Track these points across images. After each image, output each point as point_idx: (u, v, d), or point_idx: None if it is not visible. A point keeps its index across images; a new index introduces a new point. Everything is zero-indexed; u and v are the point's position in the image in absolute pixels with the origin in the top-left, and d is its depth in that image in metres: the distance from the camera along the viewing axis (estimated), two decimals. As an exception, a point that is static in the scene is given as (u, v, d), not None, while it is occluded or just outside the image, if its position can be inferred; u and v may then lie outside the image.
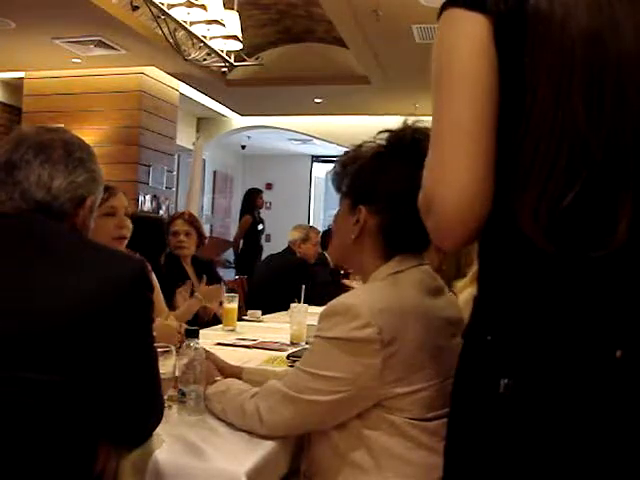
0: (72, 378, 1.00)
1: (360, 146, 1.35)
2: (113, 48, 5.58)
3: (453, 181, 0.81)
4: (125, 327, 1.05)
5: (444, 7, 0.85)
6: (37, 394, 0.97)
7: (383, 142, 1.32)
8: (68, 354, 0.99)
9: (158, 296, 2.61)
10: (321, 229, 5.61)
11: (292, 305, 2.60)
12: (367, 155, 1.33)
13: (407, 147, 1.28)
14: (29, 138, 1.15)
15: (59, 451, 1.01)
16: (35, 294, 1.01)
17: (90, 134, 6.04)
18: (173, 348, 1.44)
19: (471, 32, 0.81)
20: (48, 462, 1.00)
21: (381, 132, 1.32)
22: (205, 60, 4.54)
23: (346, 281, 3.56)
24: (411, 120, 1.30)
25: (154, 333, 1.16)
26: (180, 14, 3.88)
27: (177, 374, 1.42)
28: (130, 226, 2.22)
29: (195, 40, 4.20)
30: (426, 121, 0.90)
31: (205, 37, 4.18)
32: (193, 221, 3.32)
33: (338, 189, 1.38)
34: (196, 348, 1.43)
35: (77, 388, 1.00)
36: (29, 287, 1.02)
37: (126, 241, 2.22)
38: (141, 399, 1.13)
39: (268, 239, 8.47)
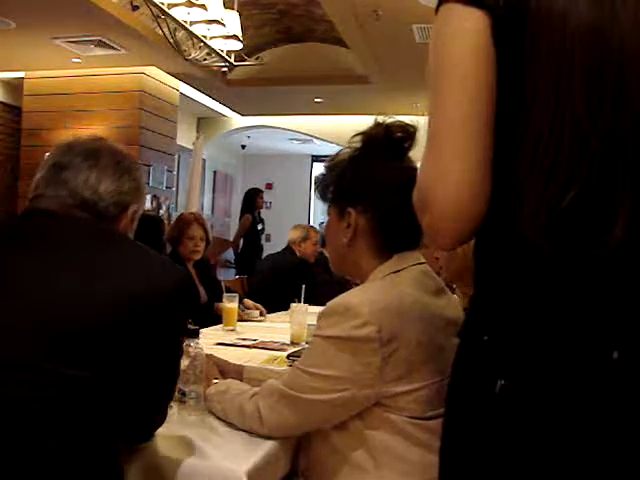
0: (102, 375, 1.00)
1: (336, 155, 1.39)
2: (113, 48, 5.58)
3: (448, 181, 0.80)
4: (163, 332, 1.08)
5: (441, 2, 0.84)
6: (69, 389, 0.97)
7: (358, 144, 1.34)
8: (104, 352, 1.00)
9: None
10: (319, 228, 5.61)
11: (292, 305, 2.60)
12: (345, 160, 1.36)
13: (382, 145, 1.31)
14: (77, 145, 1.19)
15: (89, 446, 1.01)
16: (82, 292, 1.02)
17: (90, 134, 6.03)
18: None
19: (468, 27, 0.80)
20: (76, 457, 0.99)
21: (354, 136, 1.35)
22: (205, 60, 4.55)
23: None
24: (381, 118, 1.32)
25: None
26: (180, 14, 3.89)
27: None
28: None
29: (195, 40, 4.21)
30: (426, 120, 0.89)
31: (205, 37, 4.18)
32: (204, 224, 3.35)
33: (324, 199, 1.41)
34: (196, 348, 1.43)
35: (106, 385, 1.01)
36: (83, 285, 1.02)
37: None
38: (154, 404, 1.15)
39: (268, 239, 8.47)
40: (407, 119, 1.34)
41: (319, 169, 12.16)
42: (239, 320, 2.91)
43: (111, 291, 1.02)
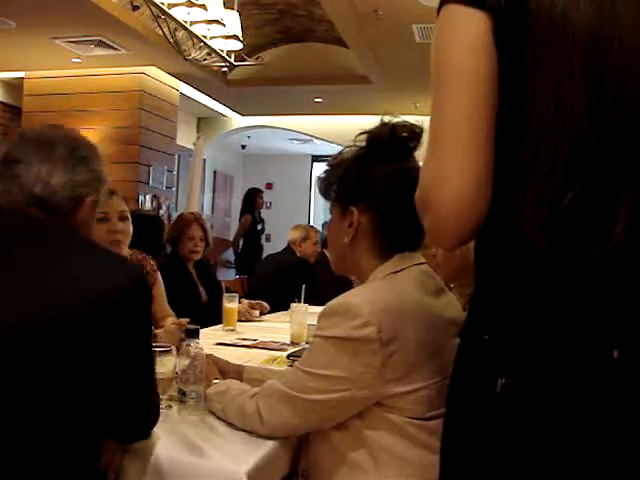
0: (63, 381, 0.98)
1: (340, 153, 1.38)
2: (113, 48, 5.59)
3: (450, 181, 0.80)
4: (120, 336, 1.04)
5: (442, 3, 0.84)
6: (28, 396, 0.96)
7: (363, 143, 1.33)
8: (57, 357, 0.98)
9: (162, 298, 2.60)
10: (321, 229, 5.61)
11: (292, 305, 2.60)
12: (349, 159, 1.34)
13: (387, 144, 1.30)
14: (33, 135, 1.15)
15: (60, 451, 1.00)
16: (30, 294, 1.00)
17: (90, 134, 6.03)
18: (173, 348, 1.44)
19: (469, 29, 0.81)
20: (50, 462, 0.99)
21: (360, 134, 1.33)
22: (205, 60, 4.55)
23: None
24: (387, 118, 1.31)
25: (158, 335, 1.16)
26: (180, 14, 3.89)
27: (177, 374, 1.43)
28: (128, 230, 2.22)
29: (195, 40, 4.21)
30: (426, 121, 0.90)
31: (205, 37, 4.19)
32: (204, 224, 3.36)
33: (327, 197, 1.39)
34: (196, 348, 1.43)
35: (68, 391, 0.99)
36: (29, 286, 1.01)
37: (125, 245, 2.22)
38: (138, 401, 1.13)
39: (268, 239, 8.47)
40: (407, 119, 1.33)
41: (319, 169, 12.20)
42: (239, 320, 2.92)
43: (64, 292, 1.00)
